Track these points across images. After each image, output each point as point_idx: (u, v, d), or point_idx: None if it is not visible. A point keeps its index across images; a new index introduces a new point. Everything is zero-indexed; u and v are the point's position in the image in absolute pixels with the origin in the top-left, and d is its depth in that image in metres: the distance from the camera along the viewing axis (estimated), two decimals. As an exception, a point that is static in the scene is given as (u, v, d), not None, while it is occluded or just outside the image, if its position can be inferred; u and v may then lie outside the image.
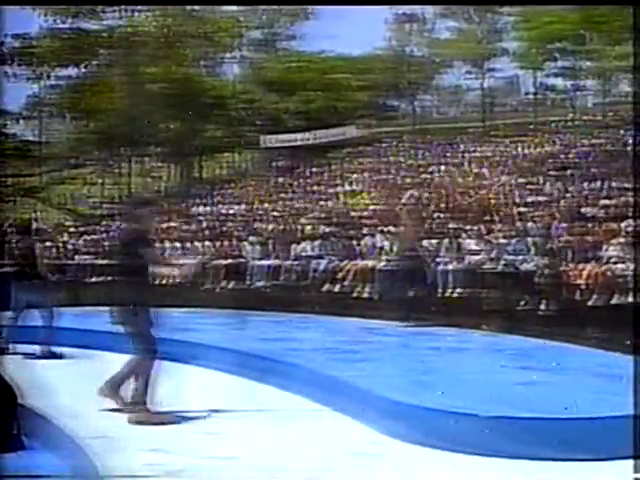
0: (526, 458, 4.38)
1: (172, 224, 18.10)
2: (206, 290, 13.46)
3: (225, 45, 29.03)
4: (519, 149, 21.38)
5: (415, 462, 4.49)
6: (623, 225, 11.06)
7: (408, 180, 19.69)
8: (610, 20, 23.38)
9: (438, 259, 11.36)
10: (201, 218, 18.93)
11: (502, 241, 11.34)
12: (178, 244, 15.29)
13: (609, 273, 9.49)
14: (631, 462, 4.17)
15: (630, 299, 9.13)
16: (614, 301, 9.26)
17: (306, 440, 4.89)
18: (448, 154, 22.57)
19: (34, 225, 14.22)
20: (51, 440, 4.58)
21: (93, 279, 15.16)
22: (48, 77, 28.07)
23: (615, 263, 9.66)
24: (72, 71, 28.14)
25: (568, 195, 15.07)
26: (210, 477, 4.27)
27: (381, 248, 12.49)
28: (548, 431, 4.51)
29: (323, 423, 5.35)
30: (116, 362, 7.73)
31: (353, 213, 16.75)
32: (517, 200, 15.21)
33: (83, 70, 27.96)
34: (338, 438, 4.94)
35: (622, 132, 19.59)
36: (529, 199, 15.18)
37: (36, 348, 8.13)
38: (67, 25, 26.33)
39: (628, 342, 7.45)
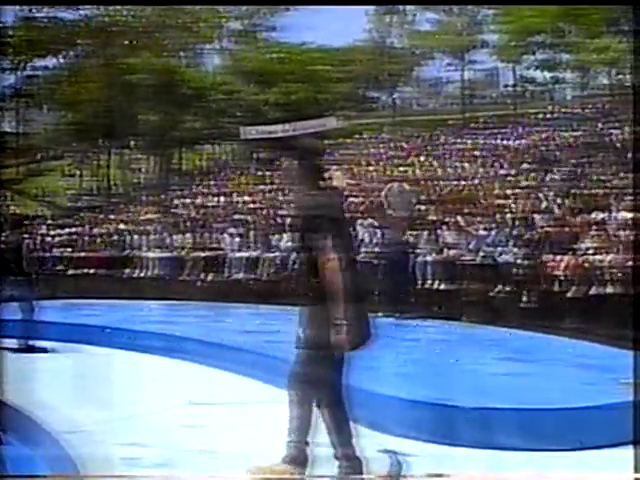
0: (507, 449, 4.40)
1: (151, 216, 18.00)
2: (184, 282, 13.42)
3: (205, 36, 28.84)
4: (498, 141, 21.46)
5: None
6: (600, 216, 11.16)
7: (388, 172, 19.71)
8: (589, 13, 23.52)
9: (418, 251, 11.39)
10: (180, 210, 18.84)
11: (482, 233, 11.39)
12: (157, 236, 15.22)
13: (586, 264, 9.57)
14: (630, 459, 4.19)
15: (608, 290, 9.22)
16: (592, 292, 9.34)
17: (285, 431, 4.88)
18: (428, 146, 22.63)
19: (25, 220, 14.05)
20: (29, 434, 4.54)
21: (71, 272, 15.08)
22: (25, 67, 27.72)
23: (593, 254, 9.73)
24: (49, 61, 27.83)
25: (547, 187, 15.16)
26: (190, 470, 4.24)
27: (361, 240, 12.49)
28: (529, 422, 4.54)
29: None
30: (97, 355, 7.74)
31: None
32: (496, 192, 15.28)
33: (61, 60, 27.67)
34: (317, 430, 4.93)
35: (600, 124, 19.74)
36: (508, 191, 15.25)
37: (15, 342, 8.05)
38: (43, 14, 26.01)
39: (605, 332, 7.53)
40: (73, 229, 18.03)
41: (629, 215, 10.62)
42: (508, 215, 12.12)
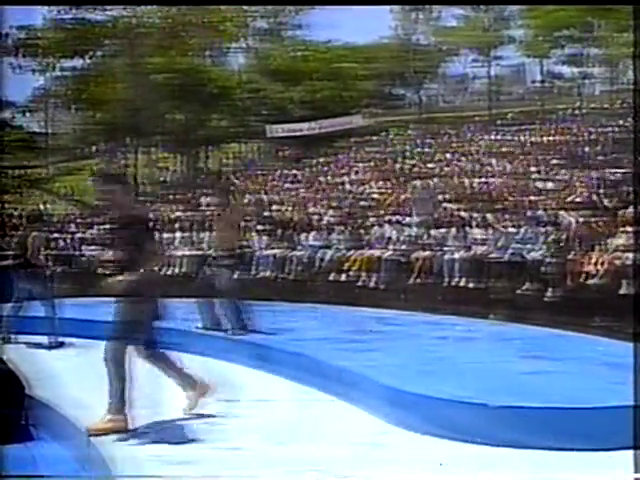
0: (534, 448, 4.35)
1: (178, 214, 18.09)
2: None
3: (230, 35, 28.94)
4: (526, 137, 21.28)
5: (423, 452, 4.47)
6: (630, 213, 10.99)
7: (415, 169, 19.64)
8: (617, 7, 23.21)
9: (445, 248, 11.33)
10: (207, 208, 18.89)
11: (510, 230, 11.28)
12: (185, 234, 15.29)
13: (617, 261, 9.43)
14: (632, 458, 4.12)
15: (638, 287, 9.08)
16: (622, 290, 9.21)
17: (313, 430, 4.87)
18: (454, 143, 22.50)
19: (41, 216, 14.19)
20: (58, 430, 4.57)
21: (99, 270, 15.19)
22: (53, 68, 28.04)
23: (623, 251, 9.59)
24: (77, 62, 28.13)
25: (576, 183, 15.00)
26: (218, 468, 4.25)
27: (389, 238, 12.46)
28: (556, 421, 4.49)
29: (330, 412, 5.33)
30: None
31: (360, 202, 16.71)
32: (524, 188, 15.14)
33: (88, 61, 27.94)
34: (345, 428, 4.93)
35: (630, 120, 19.47)
36: (537, 187, 15.11)
37: (39, 338, 8.12)
38: (71, 16, 26.28)
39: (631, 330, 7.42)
40: (102, 227, 18.16)
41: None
42: (537, 212, 12.00)
